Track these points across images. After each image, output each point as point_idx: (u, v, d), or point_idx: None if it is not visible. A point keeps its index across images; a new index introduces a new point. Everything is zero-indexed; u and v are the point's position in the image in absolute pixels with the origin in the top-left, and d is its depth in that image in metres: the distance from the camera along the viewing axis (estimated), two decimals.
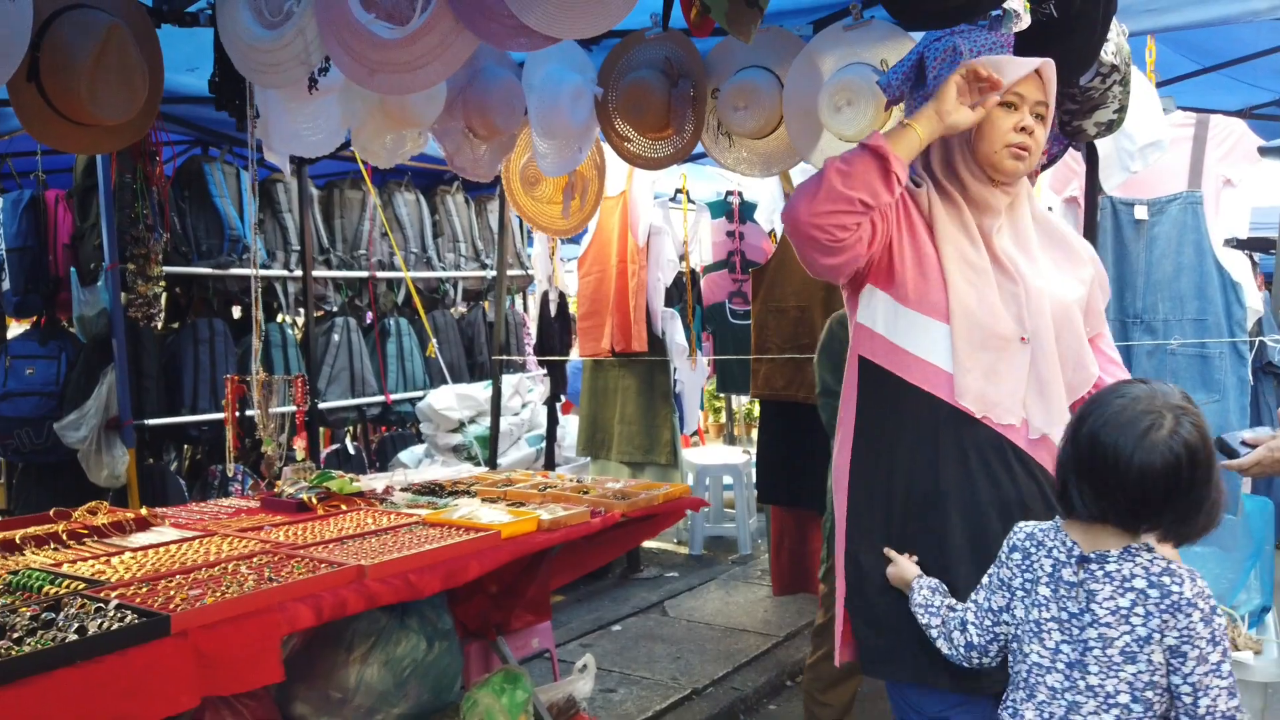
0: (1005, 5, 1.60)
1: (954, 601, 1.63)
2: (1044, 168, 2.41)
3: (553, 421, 4.84)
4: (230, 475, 3.75)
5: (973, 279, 1.71)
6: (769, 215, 4.51)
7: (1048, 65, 1.68)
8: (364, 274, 5.11)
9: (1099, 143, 2.56)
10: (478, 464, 4.58)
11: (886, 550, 1.72)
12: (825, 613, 2.80)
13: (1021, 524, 1.55)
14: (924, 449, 1.71)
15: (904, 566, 1.70)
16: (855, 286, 1.79)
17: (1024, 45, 1.91)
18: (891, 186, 1.65)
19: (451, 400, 4.92)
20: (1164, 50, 3.19)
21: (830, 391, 2.81)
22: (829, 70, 2.61)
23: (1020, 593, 1.49)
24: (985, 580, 1.57)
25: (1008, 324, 1.69)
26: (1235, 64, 3.45)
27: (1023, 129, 1.68)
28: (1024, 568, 1.49)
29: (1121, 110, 2.37)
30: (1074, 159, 2.66)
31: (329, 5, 1.91)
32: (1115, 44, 2.26)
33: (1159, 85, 3.07)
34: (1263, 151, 3.57)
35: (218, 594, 1.76)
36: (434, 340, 5.20)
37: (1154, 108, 2.85)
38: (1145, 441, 1.33)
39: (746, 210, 5.18)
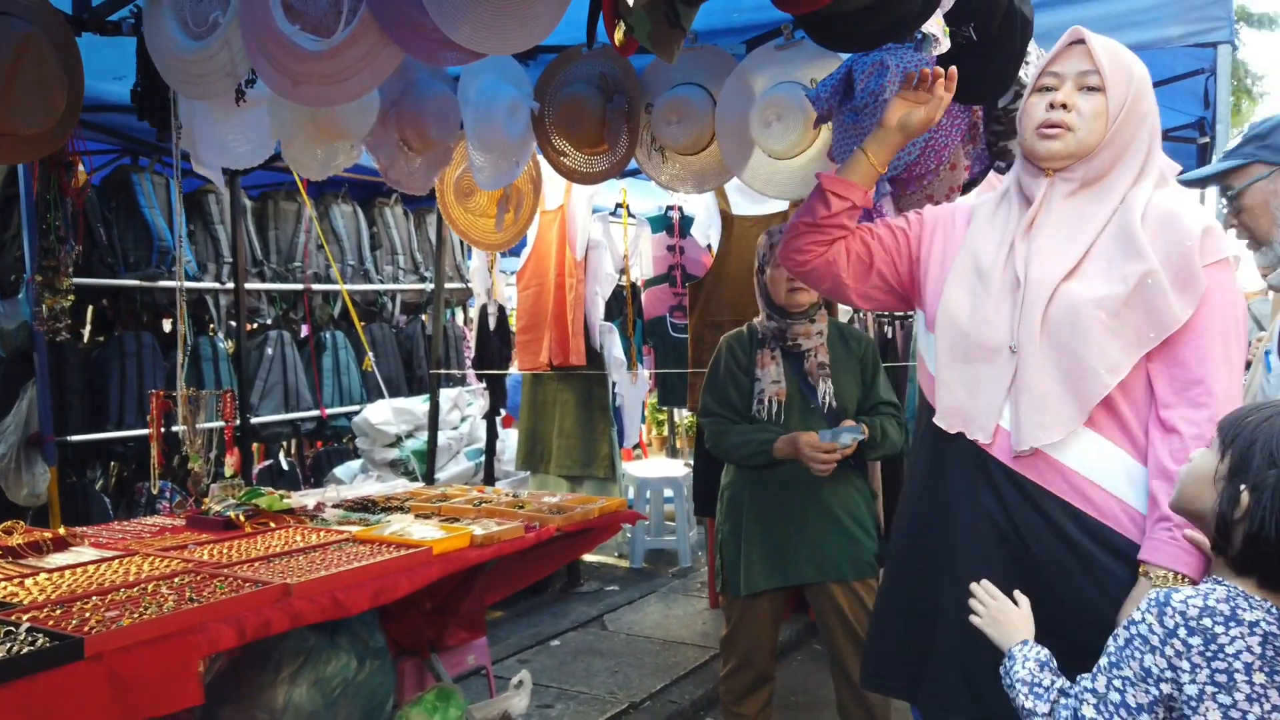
0: (924, 29, 1.65)
1: (1065, 684, 1.32)
2: (967, 187, 2.47)
3: (492, 435, 4.81)
4: (156, 493, 3.66)
5: (974, 287, 1.68)
6: (704, 231, 4.55)
7: (1083, 34, 1.63)
8: (299, 286, 5.03)
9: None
10: (415, 479, 4.53)
11: (984, 584, 1.55)
12: (728, 623, 2.82)
13: (1159, 595, 1.19)
14: (918, 467, 1.78)
15: (1009, 618, 1.47)
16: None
17: (948, 66, 1.96)
18: (829, 203, 1.78)
19: (388, 414, 4.87)
20: None
21: (710, 412, 2.80)
22: (761, 88, 2.66)
23: (1205, 688, 1.13)
24: (1106, 664, 1.23)
25: (998, 332, 1.63)
26: (1153, 87, 3.57)
27: (1053, 106, 1.60)
28: (1204, 655, 1.13)
29: None
30: (997, 178, 2.73)
31: (253, 16, 1.89)
32: (1034, 67, 2.33)
33: None
34: (1182, 182, 3.70)
35: (135, 615, 1.71)
36: (371, 354, 5.14)
37: None
38: None
39: (687, 225, 5.22)
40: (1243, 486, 1.18)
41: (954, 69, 1.71)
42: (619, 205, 5.02)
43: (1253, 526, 1.16)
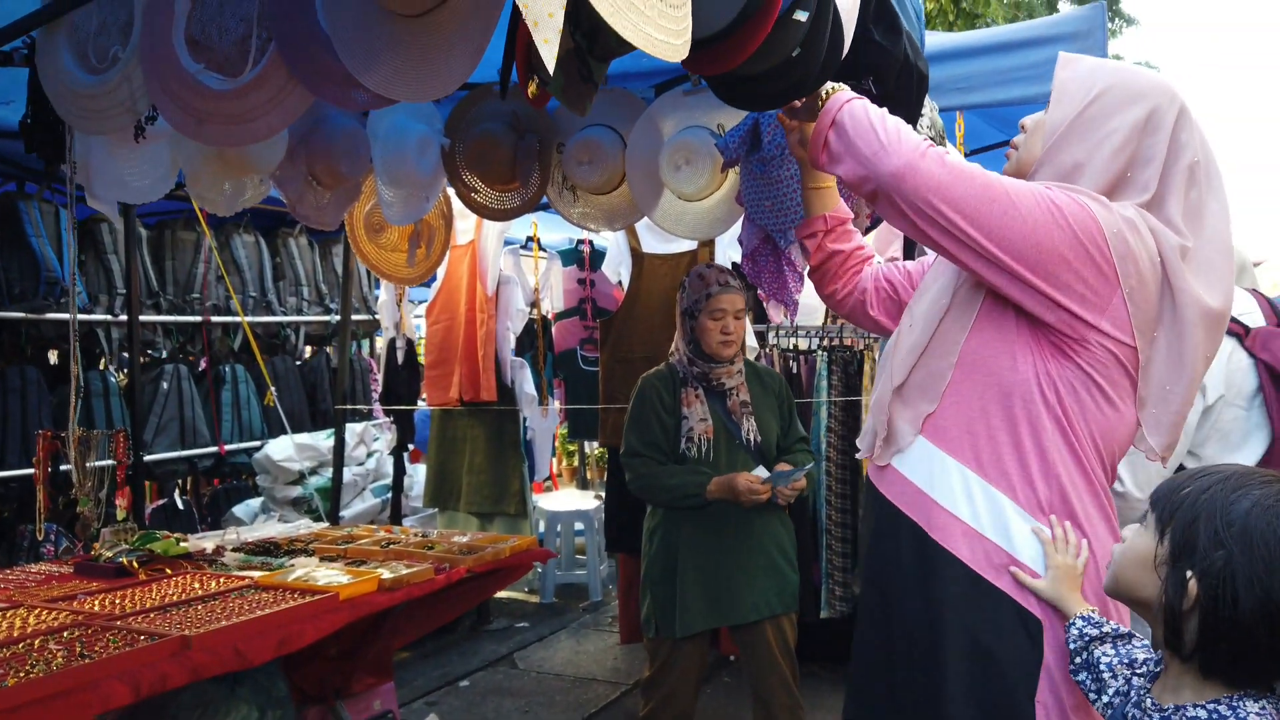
0: (825, 86, 1.72)
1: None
2: (867, 230, 2.57)
3: (399, 471, 4.72)
4: (41, 537, 3.47)
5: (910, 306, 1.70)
6: (615, 268, 4.59)
7: (1060, 57, 1.57)
8: (197, 319, 4.87)
9: None
10: (319, 518, 4.41)
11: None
12: (653, 665, 2.82)
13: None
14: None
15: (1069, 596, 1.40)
16: None
17: None
18: (808, 251, 1.94)
19: (291, 450, 4.73)
20: (972, 120, 3.48)
21: (635, 453, 2.79)
22: (669, 131, 2.72)
23: None
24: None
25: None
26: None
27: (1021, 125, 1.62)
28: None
29: None
30: (888, 229, 2.86)
31: (156, 52, 1.85)
32: (929, 118, 2.45)
33: (969, 155, 3.33)
34: None
35: (21, 674, 1.63)
36: (273, 388, 5.00)
37: None
38: None
39: (598, 258, 5.26)
40: (1189, 573, 1.04)
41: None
42: (530, 238, 5.03)
43: (1206, 618, 1.02)
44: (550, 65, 0.92)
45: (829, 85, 1.59)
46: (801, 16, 1.37)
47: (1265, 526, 1.02)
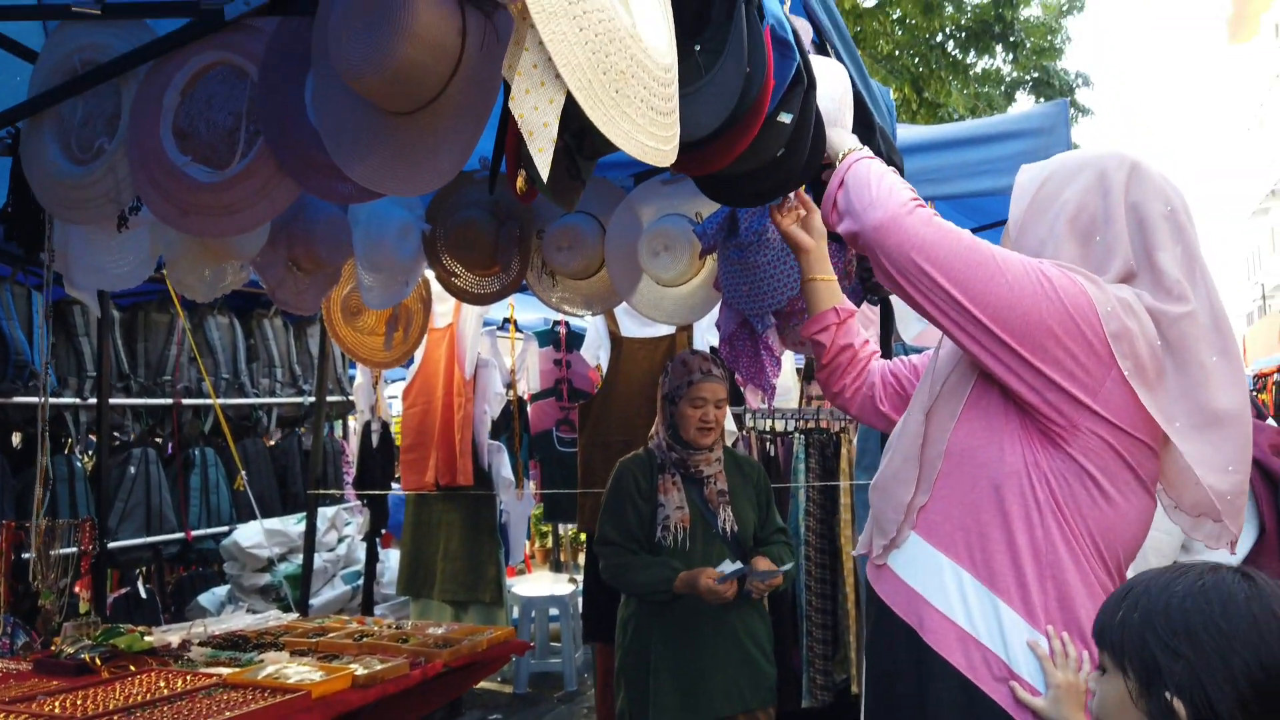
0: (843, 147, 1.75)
1: None
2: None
3: (372, 558, 4.63)
4: None
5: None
6: (594, 351, 4.61)
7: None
8: (168, 401, 4.80)
9: (895, 299, 2.81)
10: (287, 607, 4.29)
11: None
12: None
13: None
14: None
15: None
16: None
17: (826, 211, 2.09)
18: (819, 347, 1.85)
19: (260, 536, 4.63)
20: (944, 209, 3.56)
21: (609, 541, 2.75)
22: (648, 218, 2.76)
23: None
24: None
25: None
26: (1003, 224, 3.88)
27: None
28: None
29: None
30: (869, 310, 2.90)
31: (142, 143, 1.86)
32: None
33: None
34: None
35: None
36: (243, 472, 4.91)
37: None
38: None
39: (573, 339, 5.28)
40: (1167, 694, 1.02)
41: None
42: (506, 320, 5.05)
43: None
44: (545, 172, 0.93)
45: (847, 145, 1.60)
46: (786, 119, 1.41)
47: (1204, 617, 1.01)
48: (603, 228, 2.88)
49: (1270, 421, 2.16)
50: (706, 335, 4.05)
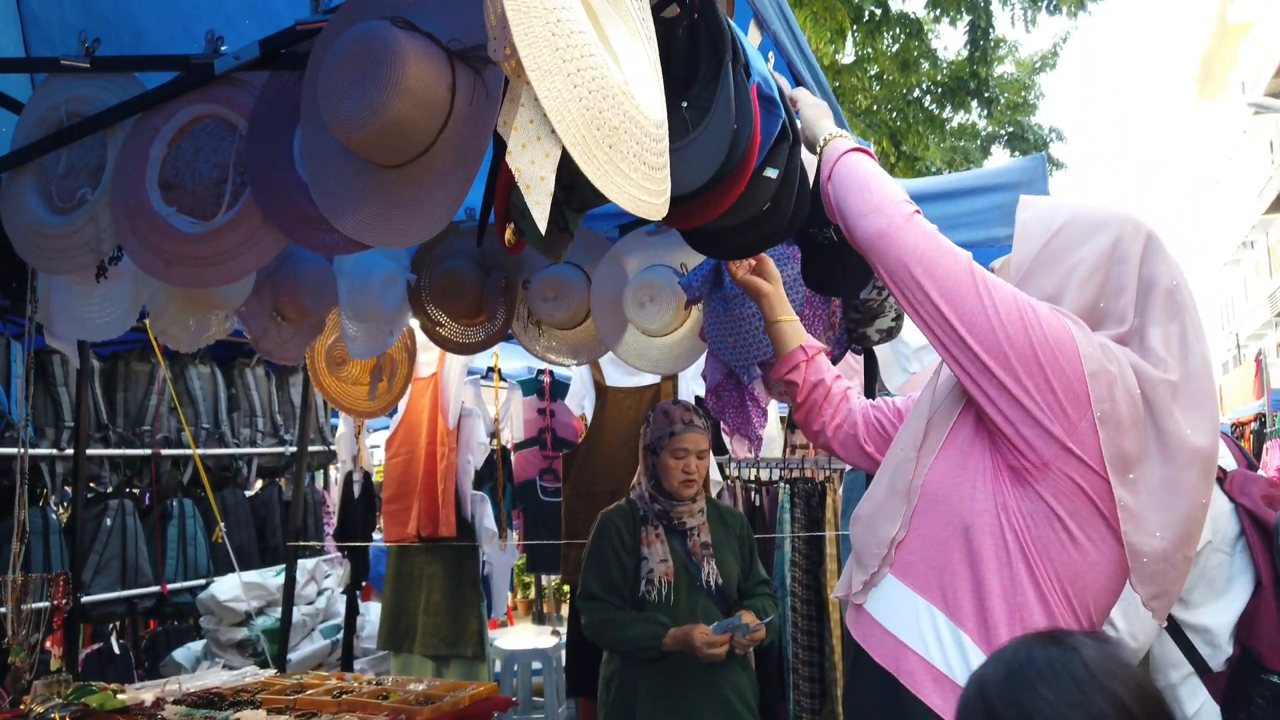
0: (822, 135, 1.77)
1: None
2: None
3: (352, 611, 4.54)
4: None
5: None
6: (578, 401, 4.60)
7: (1021, 200, 1.60)
8: (146, 452, 4.73)
9: (879, 349, 2.82)
10: (264, 662, 4.20)
11: None
12: None
13: None
14: None
15: None
16: None
17: (810, 264, 2.11)
18: (791, 389, 1.90)
19: (238, 590, 4.54)
20: None
21: (593, 596, 2.70)
22: (634, 269, 2.78)
23: None
24: None
25: None
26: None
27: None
28: None
29: (899, 318, 2.63)
30: (854, 360, 2.92)
31: (126, 194, 1.86)
32: None
33: None
34: None
35: None
36: (222, 523, 4.84)
37: None
38: None
39: (557, 388, 5.27)
40: None
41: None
42: (490, 369, 5.03)
43: None
44: (543, 225, 0.93)
45: (826, 133, 1.61)
46: (772, 174, 1.43)
47: (1050, 700, 0.98)
48: (588, 278, 2.89)
49: (1260, 473, 2.17)
50: (692, 385, 4.05)
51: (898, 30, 9.79)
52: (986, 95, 10.48)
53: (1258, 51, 30.35)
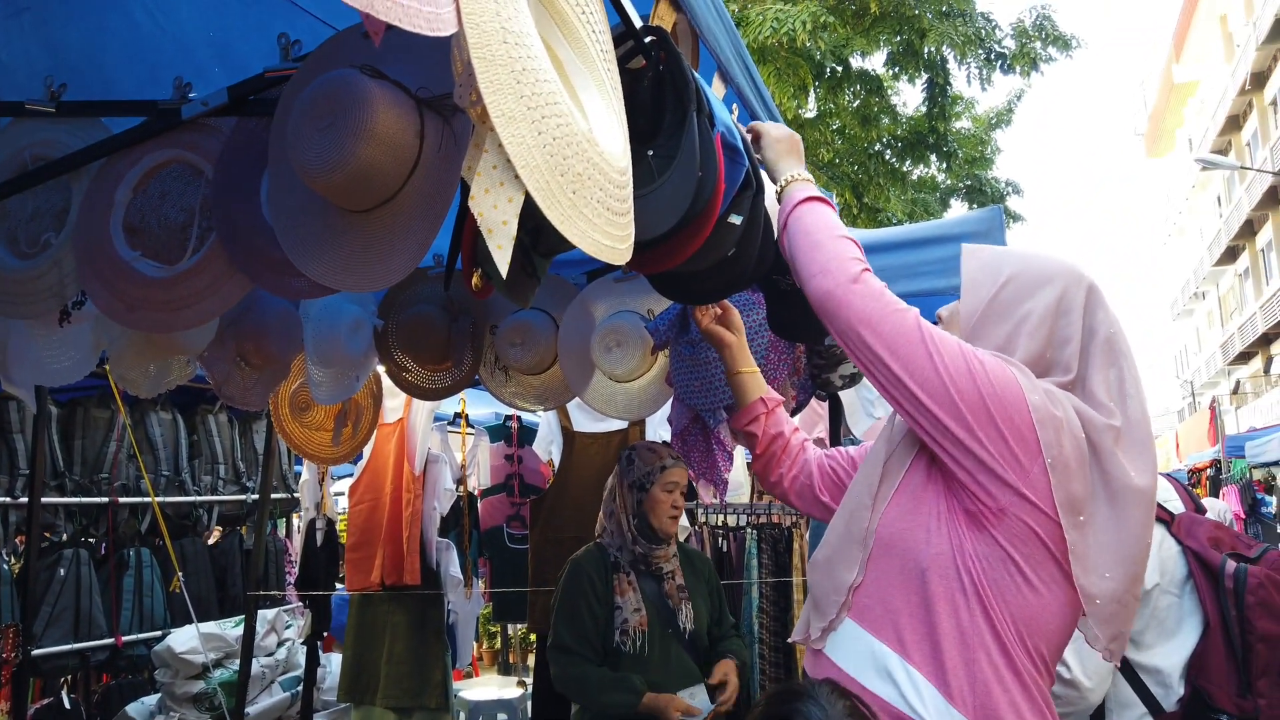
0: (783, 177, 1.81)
1: None
2: (792, 413, 2.64)
3: (313, 662, 4.44)
4: None
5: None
6: (545, 446, 4.58)
7: (963, 249, 1.64)
8: (103, 500, 4.63)
9: (843, 394, 2.86)
10: (222, 717, 4.09)
11: None
12: None
13: None
14: None
15: None
16: None
17: (775, 311, 2.14)
18: (749, 440, 1.94)
19: (195, 641, 4.43)
20: None
21: (566, 649, 2.63)
22: (601, 315, 2.80)
23: None
24: None
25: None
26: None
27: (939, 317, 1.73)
28: None
29: None
30: (819, 405, 2.95)
31: (90, 238, 1.85)
32: None
33: None
34: None
35: None
36: (180, 573, 4.73)
37: None
38: None
39: (526, 434, 5.25)
40: None
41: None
42: (457, 414, 5.01)
43: None
44: (504, 270, 0.95)
45: (786, 175, 1.65)
46: (736, 220, 1.46)
47: None
48: (556, 324, 2.90)
49: (1208, 515, 2.22)
50: (659, 430, 4.06)
51: (858, 87, 10.07)
52: (945, 150, 10.77)
53: (1203, 110, 31.46)
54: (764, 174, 1.65)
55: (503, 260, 0.94)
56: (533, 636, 6.70)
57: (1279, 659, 1.96)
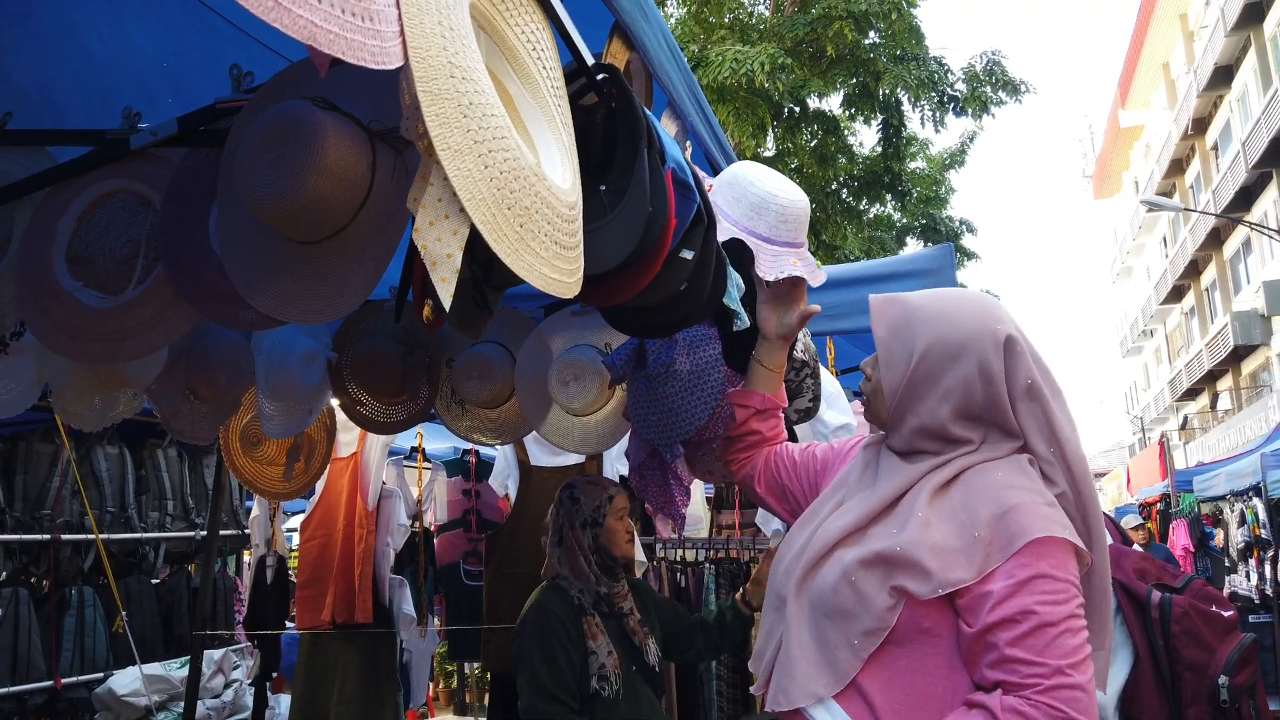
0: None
1: None
2: None
3: (261, 704, 4.34)
4: None
5: (801, 523, 1.64)
6: (502, 481, 4.54)
7: (871, 306, 1.59)
8: (45, 537, 4.50)
9: (798, 427, 2.87)
10: None
11: None
12: None
13: None
14: None
15: None
16: None
17: (730, 345, 2.16)
18: (735, 414, 1.99)
19: (138, 684, 4.30)
20: (841, 343, 3.71)
21: (551, 697, 2.44)
22: (558, 349, 2.79)
23: None
24: None
25: (790, 580, 1.53)
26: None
27: (865, 376, 1.65)
28: None
29: (815, 400, 2.69)
30: None
31: (31, 268, 1.81)
32: (803, 343, 2.60)
33: (839, 374, 3.53)
34: None
35: None
36: (124, 612, 4.60)
37: (840, 395, 3.26)
38: None
39: (484, 469, 5.19)
40: None
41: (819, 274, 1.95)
42: (414, 449, 4.95)
43: None
44: (447, 303, 0.95)
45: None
46: (688, 255, 1.47)
47: None
48: (513, 357, 2.89)
49: (1136, 547, 2.27)
50: (616, 464, 4.04)
51: (816, 127, 10.28)
52: (900, 189, 11.01)
53: (1148, 154, 32.44)
54: (716, 210, 1.67)
55: (446, 292, 0.94)
56: (489, 675, 6.60)
57: (1206, 687, 2.00)
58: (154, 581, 5.20)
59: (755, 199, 1.87)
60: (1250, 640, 2.13)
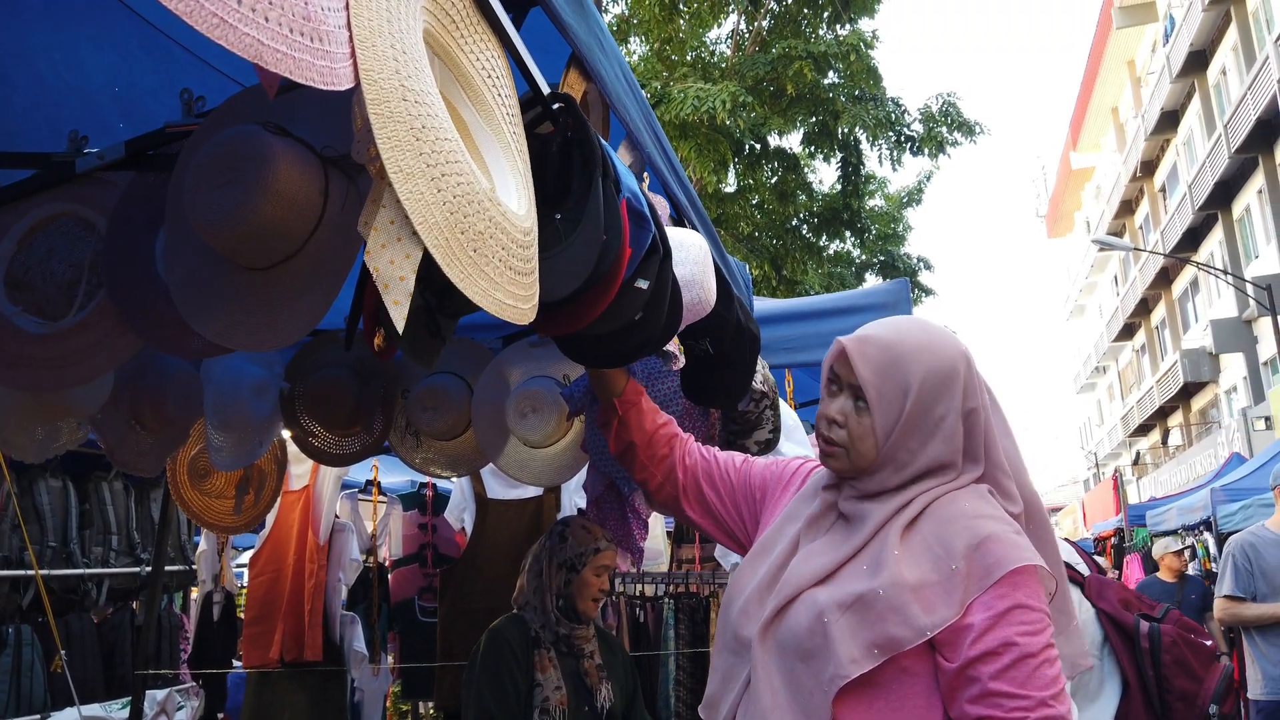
0: (664, 347, 1.80)
1: None
2: None
3: None
4: None
5: (753, 561, 1.57)
6: (458, 514, 4.47)
7: (844, 345, 1.52)
8: None
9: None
10: None
11: None
12: None
13: None
14: None
15: None
16: None
17: (689, 376, 2.15)
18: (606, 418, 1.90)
19: None
20: (800, 376, 3.72)
21: (491, 716, 2.46)
22: (516, 380, 2.77)
23: None
24: None
25: (752, 625, 1.47)
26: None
27: (828, 421, 1.51)
28: None
29: (775, 431, 2.69)
30: None
31: None
32: (762, 375, 2.60)
33: (798, 407, 3.54)
34: None
35: None
36: (62, 652, 4.43)
37: (798, 428, 3.27)
38: None
39: (440, 502, 5.12)
40: None
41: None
42: (369, 482, 4.87)
43: None
44: (400, 326, 0.93)
45: (670, 344, 1.65)
46: (642, 285, 1.47)
47: None
48: (470, 389, 2.86)
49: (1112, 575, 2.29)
50: (574, 497, 4.01)
51: (776, 164, 10.43)
52: (859, 226, 11.19)
53: (1099, 194, 33.32)
54: (671, 240, 1.67)
55: (399, 316, 0.92)
56: (443, 714, 6.45)
57: (1196, 715, 2.00)
58: (95, 620, 5.03)
59: None
60: (1230, 670, 2.14)
